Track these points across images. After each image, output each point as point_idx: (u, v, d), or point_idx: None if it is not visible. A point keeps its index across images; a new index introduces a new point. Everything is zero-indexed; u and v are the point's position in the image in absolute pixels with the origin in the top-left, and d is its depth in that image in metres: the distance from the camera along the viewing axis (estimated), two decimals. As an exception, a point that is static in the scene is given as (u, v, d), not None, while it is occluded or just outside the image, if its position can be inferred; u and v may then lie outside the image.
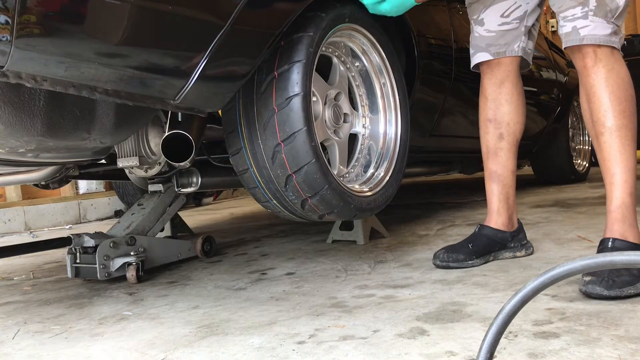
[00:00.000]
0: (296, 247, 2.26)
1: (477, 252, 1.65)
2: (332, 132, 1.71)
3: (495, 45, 1.70)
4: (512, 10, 1.69)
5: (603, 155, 1.44)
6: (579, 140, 4.19)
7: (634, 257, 0.56)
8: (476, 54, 1.74)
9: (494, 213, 1.72)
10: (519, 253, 1.73)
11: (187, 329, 1.28)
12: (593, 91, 1.45)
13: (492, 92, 1.72)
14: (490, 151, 1.73)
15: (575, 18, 1.46)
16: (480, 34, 1.73)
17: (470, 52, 1.78)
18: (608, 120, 1.42)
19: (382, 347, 1.05)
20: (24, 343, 1.29)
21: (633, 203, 1.41)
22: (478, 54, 1.74)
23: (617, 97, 1.43)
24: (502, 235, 1.70)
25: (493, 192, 1.73)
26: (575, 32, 1.46)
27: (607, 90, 1.43)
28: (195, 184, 2.02)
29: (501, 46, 1.70)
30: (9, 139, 1.31)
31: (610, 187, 1.43)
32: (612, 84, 1.43)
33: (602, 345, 0.96)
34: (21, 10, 0.96)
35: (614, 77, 1.43)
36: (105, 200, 4.82)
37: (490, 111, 1.72)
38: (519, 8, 1.69)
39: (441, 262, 1.65)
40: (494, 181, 1.72)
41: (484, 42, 1.72)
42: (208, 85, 1.31)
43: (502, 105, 1.71)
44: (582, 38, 1.45)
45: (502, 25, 1.69)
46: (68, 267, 1.83)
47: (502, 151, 1.72)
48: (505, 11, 1.70)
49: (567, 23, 1.48)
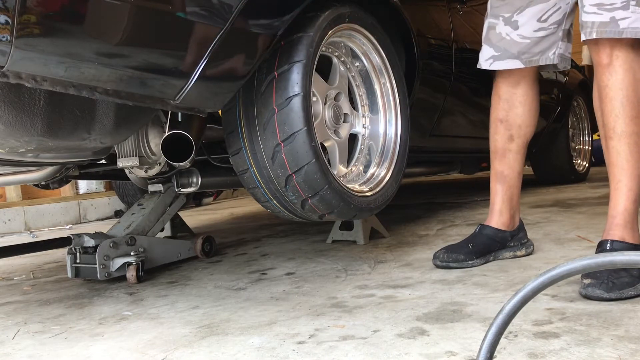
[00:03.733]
0: (296, 247, 2.26)
1: (477, 252, 1.64)
2: (332, 132, 1.71)
3: (529, 53, 1.59)
4: (550, 14, 1.56)
5: (610, 160, 1.41)
6: (579, 140, 4.20)
7: (634, 257, 0.56)
8: (504, 60, 1.61)
9: (496, 213, 1.70)
10: (519, 252, 1.71)
11: (187, 329, 1.28)
12: (606, 92, 1.39)
13: (506, 91, 1.66)
14: (498, 152, 1.69)
15: (615, 8, 1.35)
16: (511, 37, 1.59)
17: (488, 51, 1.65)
18: (618, 126, 1.37)
19: (382, 347, 1.05)
20: (24, 343, 1.29)
21: (636, 210, 1.40)
22: (507, 61, 1.61)
23: (631, 101, 1.37)
24: (502, 234, 1.69)
25: (497, 192, 1.70)
26: (613, 23, 1.35)
27: (621, 93, 1.37)
28: (195, 184, 2.02)
29: (535, 54, 1.59)
30: (9, 139, 1.31)
31: (615, 193, 1.40)
32: (627, 86, 1.37)
33: (602, 345, 0.96)
34: (21, 10, 0.96)
35: (630, 78, 1.37)
36: (105, 200, 4.82)
37: (503, 111, 1.66)
38: (558, 10, 1.56)
39: (441, 262, 1.63)
40: (499, 181, 1.69)
41: (515, 48, 1.59)
42: (208, 85, 1.31)
43: (515, 107, 1.65)
44: (622, 31, 1.35)
45: (539, 32, 1.57)
46: (68, 267, 1.83)
47: (510, 153, 1.68)
48: (543, 14, 1.56)
49: (604, 12, 1.36)
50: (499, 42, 1.63)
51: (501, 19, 1.61)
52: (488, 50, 1.66)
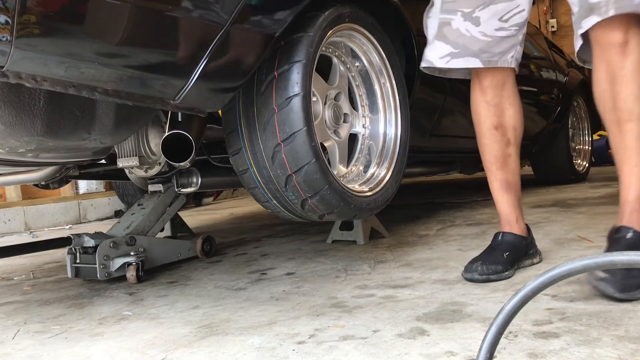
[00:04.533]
0: (296, 247, 2.26)
1: (510, 262, 1.52)
2: (332, 132, 1.71)
3: (489, 53, 1.52)
4: (512, 15, 1.51)
5: (624, 143, 1.33)
6: (579, 140, 4.20)
7: (634, 257, 0.56)
8: (463, 58, 1.53)
9: (514, 222, 1.59)
10: (535, 260, 1.62)
11: (187, 329, 1.28)
12: (623, 74, 1.30)
13: (495, 95, 1.57)
14: (498, 160, 1.60)
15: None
16: (472, 34, 1.51)
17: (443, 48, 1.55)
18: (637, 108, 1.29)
19: (382, 347, 1.05)
20: (24, 343, 1.29)
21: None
22: (467, 59, 1.53)
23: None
24: (525, 241, 1.59)
25: (507, 202, 1.59)
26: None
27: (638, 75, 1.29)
28: (195, 184, 2.02)
29: (495, 54, 1.52)
30: (9, 139, 1.31)
31: (629, 178, 1.32)
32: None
33: (602, 345, 0.96)
34: (21, 10, 0.96)
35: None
36: (105, 200, 4.82)
37: (495, 117, 1.58)
38: (521, 13, 1.51)
39: (480, 275, 1.47)
40: (505, 190, 1.60)
41: (476, 46, 1.52)
42: (208, 85, 1.31)
43: (506, 109, 1.58)
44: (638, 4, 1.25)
45: (500, 31, 1.51)
46: (68, 267, 1.83)
47: (510, 157, 1.60)
48: (505, 14, 1.50)
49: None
50: (457, 38, 1.53)
51: (459, 14, 1.52)
52: (443, 47, 1.55)
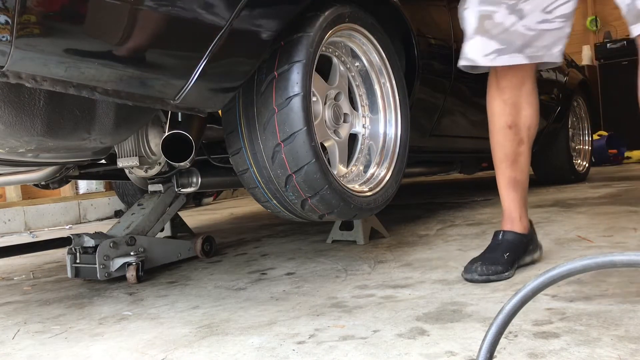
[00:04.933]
0: (296, 247, 2.26)
1: (511, 262, 1.50)
2: (332, 132, 1.71)
3: (533, 47, 1.44)
4: (557, 5, 1.42)
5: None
6: (579, 140, 4.20)
7: (634, 257, 0.56)
8: (508, 55, 1.44)
9: (517, 220, 1.57)
10: (535, 255, 1.59)
11: (187, 329, 1.28)
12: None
13: (512, 95, 1.52)
14: (509, 158, 1.57)
15: None
16: (516, 28, 1.42)
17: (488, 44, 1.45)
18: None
19: (382, 347, 1.05)
20: (24, 343, 1.29)
21: None
22: (512, 55, 1.44)
23: None
24: (525, 239, 1.58)
25: (512, 199, 1.58)
26: None
27: None
28: (195, 184, 2.02)
29: (540, 49, 1.44)
30: (9, 139, 1.31)
31: None
32: None
33: (602, 345, 0.96)
34: (21, 10, 0.96)
35: None
36: (105, 200, 4.82)
37: (510, 117, 1.54)
38: (567, 3, 1.42)
39: (480, 275, 1.45)
40: (513, 188, 1.58)
41: (520, 40, 1.43)
42: (208, 85, 1.31)
43: (523, 109, 1.54)
44: None
45: (542, 24, 1.43)
46: (68, 267, 1.83)
47: (521, 156, 1.58)
48: (549, 5, 1.42)
49: None
50: (501, 33, 1.44)
51: (504, 7, 1.43)
52: (488, 43, 1.45)
